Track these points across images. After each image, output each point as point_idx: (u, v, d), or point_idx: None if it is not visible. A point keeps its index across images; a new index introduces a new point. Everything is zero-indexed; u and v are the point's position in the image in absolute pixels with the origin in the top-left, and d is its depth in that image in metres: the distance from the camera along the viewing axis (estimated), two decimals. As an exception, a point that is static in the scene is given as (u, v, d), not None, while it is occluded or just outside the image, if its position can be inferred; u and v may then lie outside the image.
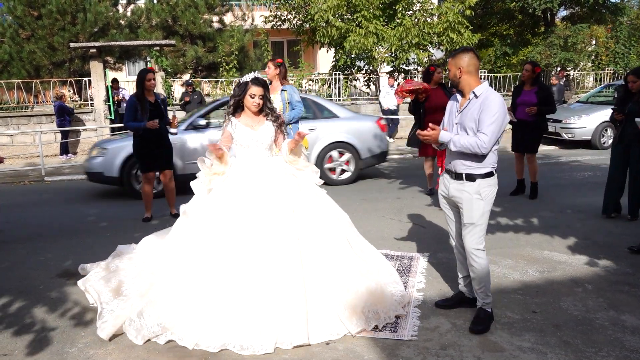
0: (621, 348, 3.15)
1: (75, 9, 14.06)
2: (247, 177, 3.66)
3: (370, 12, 13.58)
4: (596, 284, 4.09)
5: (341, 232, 3.73)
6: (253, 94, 3.68)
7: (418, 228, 5.74)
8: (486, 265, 3.40)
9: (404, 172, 9.18)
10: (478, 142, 3.19)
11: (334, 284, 3.43)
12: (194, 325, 3.25)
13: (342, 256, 3.58)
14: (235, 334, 3.18)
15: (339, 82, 14.60)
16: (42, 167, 10.01)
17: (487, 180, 3.33)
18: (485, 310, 3.45)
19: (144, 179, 6.16)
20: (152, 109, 5.90)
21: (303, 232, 3.48)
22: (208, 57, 15.48)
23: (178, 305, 3.36)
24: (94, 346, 3.27)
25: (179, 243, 3.69)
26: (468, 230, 3.37)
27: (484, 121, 3.20)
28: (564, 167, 9.58)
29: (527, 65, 6.70)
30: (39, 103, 13.99)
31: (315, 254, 3.46)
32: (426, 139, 3.39)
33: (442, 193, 3.59)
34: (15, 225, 6.16)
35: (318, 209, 3.68)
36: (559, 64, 16.65)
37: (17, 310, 3.85)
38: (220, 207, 3.58)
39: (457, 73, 3.34)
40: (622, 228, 5.54)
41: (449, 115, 3.52)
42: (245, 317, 3.21)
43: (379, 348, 3.19)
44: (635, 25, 21.35)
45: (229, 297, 3.28)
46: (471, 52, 3.35)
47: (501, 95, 3.34)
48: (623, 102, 5.70)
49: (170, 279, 3.52)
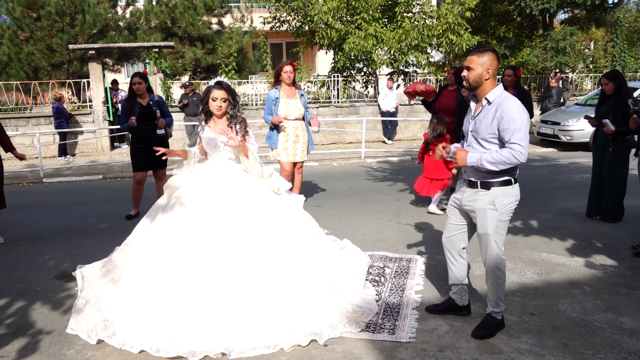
0: (619, 350, 3.15)
1: (74, 10, 14.06)
2: (204, 181, 3.72)
3: (370, 14, 13.59)
4: (594, 286, 4.09)
5: (301, 246, 3.66)
6: (215, 97, 3.72)
7: (416, 230, 5.74)
8: (503, 276, 3.30)
9: (402, 175, 9.19)
10: (513, 153, 2.96)
11: (278, 295, 3.34)
12: (126, 325, 3.27)
13: (295, 270, 3.49)
14: (159, 336, 3.16)
15: (338, 84, 14.62)
16: (41, 169, 10.00)
17: (504, 190, 3.14)
18: (493, 317, 3.37)
19: (134, 178, 6.36)
20: (143, 111, 6.04)
21: (249, 241, 3.45)
22: (207, 59, 15.48)
23: (120, 302, 3.41)
24: (92, 348, 3.26)
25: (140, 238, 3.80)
26: (483, 242, 3.23)
27: (508, 130, 2.98)
28: (562, 169, 9.60)
29: (507, 71, 6.73)
30: (37, 104, 13.98)
31: (259, 263, 3.40)
32: (454, 162, 3.16)
33: (454, 200, 3.42)
34: (13, 227, 6.15)
35: (275, 220, 3.63)
36: (556, 67, 16.68)
37: (15, 312, 3.84)
38: (173, 209, 3.66)
39: (486, 75, 3.09)
40: (620, 230, 5.55)
41: (466, 122, 3.33)
42: (172, 320, 3.19)
43: (377, 350, 3.18)
44: (633, 28, 21.42)
45: (156, 297, 3.29)
46: (496, 54, 3.14)
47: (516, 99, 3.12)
48: (600, 106, 5.87)
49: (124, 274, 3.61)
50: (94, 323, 3.38)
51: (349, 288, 3.76)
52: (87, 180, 9.66)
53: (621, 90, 5.59)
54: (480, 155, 3.08)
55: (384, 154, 11.96)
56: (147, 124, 6.04)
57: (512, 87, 6.73)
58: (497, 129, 3.05)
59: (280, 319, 3.27)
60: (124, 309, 3.36)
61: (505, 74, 6.73)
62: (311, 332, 3.27)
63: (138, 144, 6.19)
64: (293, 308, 3.33)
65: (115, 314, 3.36)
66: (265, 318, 3.25)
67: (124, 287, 3.51)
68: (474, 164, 3.10)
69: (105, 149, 12.94)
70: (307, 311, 3.36)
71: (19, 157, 5.85)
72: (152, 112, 6.08)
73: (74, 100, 13.99)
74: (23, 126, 12.53)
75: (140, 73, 6.12)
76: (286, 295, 3.37)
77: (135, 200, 6.45)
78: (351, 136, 13.82)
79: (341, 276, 3.83)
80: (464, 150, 3.15)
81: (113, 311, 3.39)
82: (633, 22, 22.28)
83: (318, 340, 3.25)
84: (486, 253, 3.26)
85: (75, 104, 13.79)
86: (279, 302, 3.32)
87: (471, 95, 3.31)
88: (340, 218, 6.28)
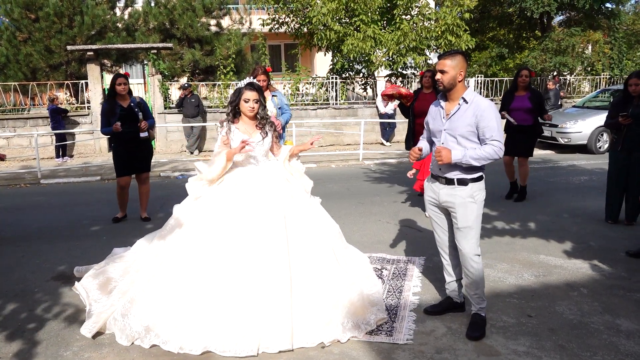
0: (616, 352, 3.16)
1: (72, 11, 14.03)
2: (241, 182, 3.70)
3: (369, 16, 13.61)
4: (591, 288, 4.10)
5: (328, 242, 3.73)
6: (247, 98, 3.71)
7: (414, 232, 5.74)
8: (482, 269, 3.40)
9: (399, 176, 9.19)
10: (495, 149, 3.19)
11: (318, 292, 3.41)
12: (178, 328, 3.25)
13: (327, 267, 3.57)
14: (218, 337, 3.18)
15: (336, 85, 14.63)
16: (38, 170, 9.98)
17: (479, 184, 3.35)
18: (480, 315, 3.45)
19: (118, 184, 6.28)
20: (124, 113, 5.93)
21: (292, 239, 3.49)
22: (205, 61, 15.47)
23: (163, 307, 3.37)
24: (89, 349, 3.26)
25: (168, 244, 3.72)
26: (464, 234, 3.35)
27: (489, 128, 3.18)
28: (560, 171, 9.62)
29: (524, 72, 6.73)
30: (35, 106, 13.95)
31: (302, 261, 3.45)
32: (438, 160, 3.27)
33: (430, 200, 3.54)
34: (11, 228, 6.14)
35: (308, 217, 3.69)
36: (554, 68, 16.72)
37: (12, 313, 3.84)
38: (210, 211, 3.61)
39: (459, 77, 3.26)
40: (617, 232, 5.56)
41: (434, 122, 3.45)
42: (229, 321, 3.21)
43: (375, 352, 3.19)
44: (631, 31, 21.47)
45: (214, 300, 3.29)
46: (465, 57, 3.32)
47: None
48: (620, 107, 5.61)
49: (155, 279, 3.54)
50: (137, 329, 3.33)
51: (368, 287, 3.81)
52: (84, 181, 9.64)
53: None
54: (464, 152, 3.22)
55: (382, 155, 11.97)
56: (128, 126, 5.92)
57: (525, 87, 6.74)
58: (476, 126, 3.22)
59: (321, 314, 3.34)
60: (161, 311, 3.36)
61: (523, 74, 6.72)
62: (349, 328, 3.34)
63: (119, 148, 6.10)
64: (330, 303, 3.40)
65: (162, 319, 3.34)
66: (312, 314, 3.32)
67: (153, 289, 3.49)
68: (458, 161, 3.23)
69: (103, 150, 12.93)
70: (339, 307, 3.42)
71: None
72: (133, 114, 5.98)
73: (72, 102, 13.97)
74: (21, 127, 12.51)
75: (123, 74, 6.06)
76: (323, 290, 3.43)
77: (121, 204, 6.40)
78: (349, 138, 13.83)
79: (359, 273, 3.91)
80: (446, 148, 3.26)
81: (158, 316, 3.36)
82: (631, 25, 22.33)
83: (357, 335, 3.31)
84: (465, 246, 3.35)
85: (74, 105, 13.77)
86: (321, 298, 3.39)
87: (440, 96, 3.43)
88: (338, 220, 6.19)
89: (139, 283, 3.59)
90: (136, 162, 6.18)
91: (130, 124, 5.93)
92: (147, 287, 3.51)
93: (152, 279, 3.56)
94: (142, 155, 6.21)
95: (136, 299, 3.47)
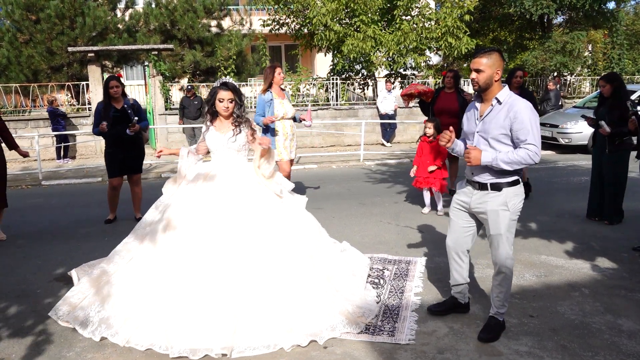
0: (618, 352, 3.16)
1: (73, 13, 14.05)
2: (208, 181, 3.74)
3: (369, 17, 13.62)
4: (593, 288, 4.11)
5: (302, 246, 3.68)
6: (222, 98, 3.75)
7: (415, 232, 5.75)
8: (512, 271, 3.30)
9: (401, 177, 9.20)
10: (529, 154, 3.00)
11: (278, 296, 3.35)
12: (127, 322, 3.31)
13: (293, 271, 3.51)
14: (162, 334, 3.19)
15: (337, 86, 14.64)
16: (39, 171, 9.99)
17: (514, 190, 3.17)
18: (497, 318, 3.38)
19: (109, 184, 6.31)
20: (118, 115, 5.96)
21: (252, 242, 3.48)
22: (206, 62, 15.49)
23: (118, 301, 3.45)
24: (92, 350, 3.27)
25: (133, 242, 3.88)
26: (495, 242, 3.23)
27: (523, 130, 3.00)
28: (561, 171, 9.62)
29: (519, 72, 6.74)
30: (36, 107, 13.96)
31: (259, 265, 3.42)
32: (467, 161, 3.14)
33: (460, 203, 3.38)
34: (12, 229, 6.15)
35: (277, 221, 3.66)
36: (554, 68, 16.72)
37: (15, 314, 3.84)
38: (175, 208, 3.70)
39: (495, 76, 3.09)
40: (619, 232, 5.56)
41: (468, 123, 3.31)
42: (174, 319, 3.22)
43: (377, 352, 3.19)
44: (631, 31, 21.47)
45: (160, 297, 3.32)
46: (501, 54, 3.14)
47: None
48: (598, 107, 5.91)
49: (117, 275, 3.67)
50: (98, 321, 3.41)
51: (349, 288, 3.78)
52: (85, 182, 9.65)
53: (619, 92, 5.62)
54: (495, 154, 3.06)
55: (382, 156, 11.98)
56: (122, 127, 5.93)
57: (517, 88, 6.77)
58: (509, 128, 3.06)
59: (280, 319, 3.28)
60: (127, 307, 3.40)
61: (518, 75, 6.75)
62: (311, 333, 3.28)
63: (111, 149, 6.14)
64: (294, 308, 3.35)
65: (118, 312, 3.40)
66: (266, 318, 3.26)
67: (128, 286, 3.54)
68: (489, 163, 3.08)
69: (104, 152, 12.92)
70: (307, 312, 3.37)
71: (22, 154, 6.02)
72: (127, 116, 5.99)
73: (73, 103, 13.99)
74: (22, 129, 12.52)
75: (116, 76, 6.09)
76: (287, 295, 3.38)
77: (111, 205, 6.42)
78: (350, 139, 13.83)
79: (342, 276, 3.86)
80: (477, 149, 3.13)
81: (115, 309, 3.43)
82: (631, 25, 22.33)
83: (318, 340, 3.26)
84: (498, 253, 3.26)
85: (75, 106, 13.78)
86: (279, 303, 3.33)
87: (476, 96, 3.29)
88: (339, 220, 6.29)
89: (105, 277, 3.74)
90: (128, 163, 6.20)
91: (124, 125, 5.94)
92: (112, 281, 3.66)
93: (115, 273, 3.71)
94: (134, 157, 6.24)
95: (101, 291, 3.61)
